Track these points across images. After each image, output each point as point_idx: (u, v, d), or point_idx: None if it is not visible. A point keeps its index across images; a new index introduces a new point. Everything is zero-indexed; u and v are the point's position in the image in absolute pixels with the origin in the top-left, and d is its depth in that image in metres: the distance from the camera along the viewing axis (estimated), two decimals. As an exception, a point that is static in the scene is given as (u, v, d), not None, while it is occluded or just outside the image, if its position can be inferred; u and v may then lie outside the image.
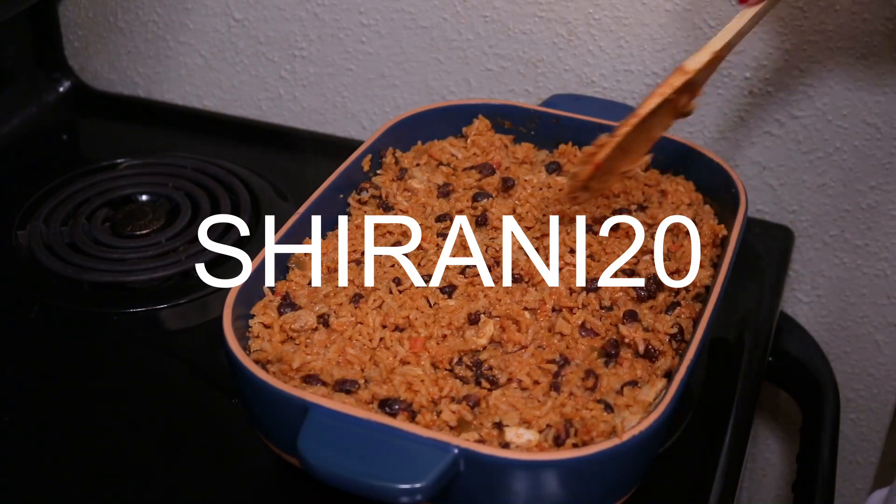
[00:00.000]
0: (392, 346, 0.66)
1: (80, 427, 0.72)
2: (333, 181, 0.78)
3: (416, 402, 0.61)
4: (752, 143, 0.94)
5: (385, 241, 0.75)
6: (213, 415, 0.73)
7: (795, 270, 0.99)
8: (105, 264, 0.85)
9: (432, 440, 0.56)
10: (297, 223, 0.74)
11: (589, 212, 0.77)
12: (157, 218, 0.91)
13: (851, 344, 1.01)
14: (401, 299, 0.69)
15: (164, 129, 1.08)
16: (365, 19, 1.00)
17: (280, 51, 1.05)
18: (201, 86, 1.10)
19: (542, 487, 0.58)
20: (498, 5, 0.95)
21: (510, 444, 0.59)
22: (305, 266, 0.73)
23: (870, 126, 0.89)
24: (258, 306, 0.69)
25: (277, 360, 0.64)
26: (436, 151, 0.84)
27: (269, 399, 0.61)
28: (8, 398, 0.74)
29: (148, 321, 0.82)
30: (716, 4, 0.88)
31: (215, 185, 0.94)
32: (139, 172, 0.97)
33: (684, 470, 0.67)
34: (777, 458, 1.09)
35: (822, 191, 0.94)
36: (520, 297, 0.70)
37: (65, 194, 0.93)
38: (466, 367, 0.65)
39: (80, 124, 1.10)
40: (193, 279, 0.84)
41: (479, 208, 0.78)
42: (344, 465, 0.56)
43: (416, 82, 1.01)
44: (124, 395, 0.74)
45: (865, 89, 0.88)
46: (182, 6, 1.06)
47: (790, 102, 0.91)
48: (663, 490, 0.66)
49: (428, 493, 0.55)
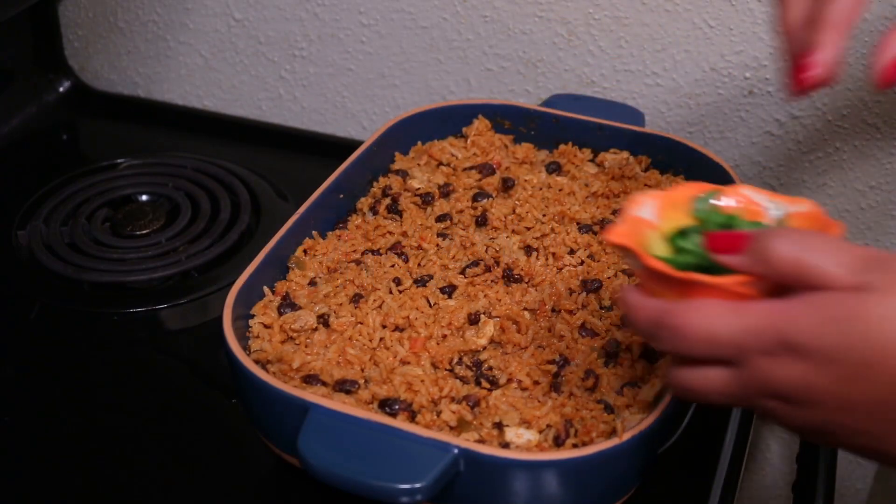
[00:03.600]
0: (392, 346, 0.66)
1: (80, 427, 0.72)
2: (333, 181, 0.78)
3: (416, 402, 0.62)
4: (752, 143, 0.94)
5: (385, 242, 0.76)
6: (213, 415, 0.73)
7: (795, 270, 0.99)
8: (105, 264, 0.85)
9: (432, 440, 0.56)
10: (297, 223, 0.74)
11: (589, 212, 0.77)
12: (157, 218, 0.91)
13: (851, 344, 1.01)
14: (401, 299, 0.69)
15: (164, 129, 1.08)
16: (365, 19, 1.00)
17: (280, 51, 1.05)
18: (201, 86, 1.10)
19: (542, 487, 0.58)
20: (498, 5, 0.95)
21: (510, 444, 0.59)
22: (305, 266, 0.73)
23: (870, 126, 0.89)
24: (258, 306, 0.69)
25: (277, 360, 0.65)
26: (436, 151, 0.84)
27: (269, 399, 0.61)
28: (8, 398, 0.74)
29: (148, 321, 0.82)
30: (716, 4, 0.88)
31: (215, 185, 0.94)
32: (139, 172, 0.97)
33: (684, 470, 0.67)
34: (777, 458, 1.09)
35: (822, 191, 0.94)
36: (520, 298, 0.70)
37: (65, 194, 0.93)
38: (466, 367, 0.65)
39: (80, 124, 1.10)
40: (193, 279, 0.84)
41: (479, 208, 0.78)
42: (344, 465, 0.56)
43: (416, 82, 1.01)
44: (124, 395, 0.74)
45: (865, 89, 0.88)
46: (182, 6, 1.06)
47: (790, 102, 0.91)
48: (663, 490, 0.66)
49: (428, 493, 0.55)
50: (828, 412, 0.48)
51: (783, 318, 0.47)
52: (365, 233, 0.77)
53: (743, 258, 0.49)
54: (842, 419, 0.47)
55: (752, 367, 0.48)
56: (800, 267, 0.47)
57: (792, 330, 0.46)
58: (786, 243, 0.48)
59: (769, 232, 0.49)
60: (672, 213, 0.56)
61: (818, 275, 0.47)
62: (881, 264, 0.46)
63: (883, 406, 0.46)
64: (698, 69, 0.92)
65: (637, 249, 0.52)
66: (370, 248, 0.75)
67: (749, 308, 0.48)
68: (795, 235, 0.48)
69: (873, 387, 0.46)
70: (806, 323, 0.46)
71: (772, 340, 0.47)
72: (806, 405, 0.48)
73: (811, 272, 0.47)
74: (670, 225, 0.55)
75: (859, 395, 0.46)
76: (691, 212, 0.56)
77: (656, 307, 0.51)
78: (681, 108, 0.94)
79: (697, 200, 0.56)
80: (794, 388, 0.47)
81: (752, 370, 0.48)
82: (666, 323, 0.50)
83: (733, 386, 0.50)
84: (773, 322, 0.47)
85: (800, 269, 0.47)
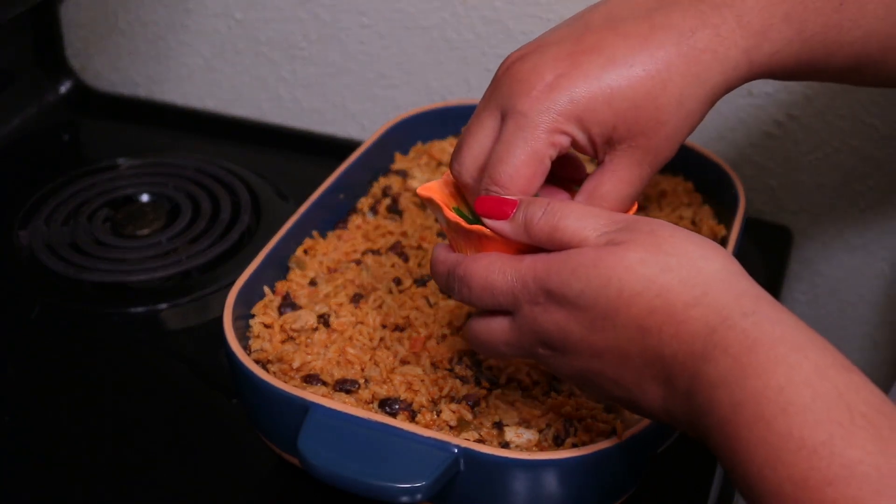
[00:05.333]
0: (392, 345, 0.66)
1: (81, 427, 0.72)
2: (333, 181, 0.78)
3: (416, 402, 0.62)
4: (752, 143, 0.94)
5: (385, 242, 0.76)
6: (213, 415, 0.73)
7: (794, 270, 0.99)
8: (106, 264, 0.85)
9: (432, 440, 0.57)
10: (297, 223, 0.74)
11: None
12: (158, 218, 0.91)
13: (851, 344, 1.01)
14: (401, 299, 0.69)
15: (165, 129, 1.08)
16: (365, 20, 1.00)
17: (280, 51, 1.05)
18: (202, 86, 1.10)
19: (541, 487, 0.58)
20: (498, 5, 0.95)
21: (510, 443, 0.60)
22: (305, 266, 0.73)
23: (869, 126, 0.89)
24: (258, 306, 0.69)
25: (277, 359, 0.65)
26: (436, 151, 0.84)
27: (269, 399, 0.61)
28: (8, 398, 0.74)
29: (148, 321, 0.82)
30: (715, 5, 0.88)
31: (216, 185, 0.95)
32: (140, 172, 0.97)
33: (684, 470, 0.67)
34: (777, 457, 1.09)
35: (821, 191, 0.94)
36: (519, 297, 0.70)
37: (66, 194, 0.94)
38: (466, 366, 0.65)
39: (81, 124, 1.10)
40: (194, 279, 0.85)
41: (479, 208, 0.78)
42: (344, 465, 0.56)
43: (416, 82, 1.01)
44: (125, 395, 0.75)
45: (865, 90, 0.88)
46: (183, 7, 1.06)
47: (790, 103, 0.91)
48: (663, 490, 0.66)
49: (428, 492, 0.55)
50: (583, 360, 0.51)
51: (545, 268, 0.51)
52: (365, 233, 0.77)
53: (507, 224, 0.53)
54: (597, 367, 0.51)
55: (523, 314, 0.52)
56: (555, 231, 0.51)
57: (551, 279, 0.50)
58: (544, 212, 0.52)
59: (532, 202, 0.53)
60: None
61: (571, 236, 0.51)
62: (627, 224, 0.51)
63: (626, 353, 0.49)
64: (698, 69, 0.91)
65: (440, 202, 0.57)
66: (370, 248, 0.75)
67: (522, 260, 0.52)
68: (554, 204, 0.52)
69: (615, 333, 0.49)
70: (560, 272, 0.50)
71: (537, 289, 0.51)
72: (567, 352, 0.51)
73: (566, 235, 0.51)
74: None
75: (604, 341, 0.49)
76: None
77: (452, 259, 0.55)
78: (680, 108, 0.94)
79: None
80: (554, 334, 0.51)
81: (522, 318, 0.52)
82: (456, 273, 0.54)
83: (513, 335, 0.53)
84: (537, 272, 0.51)
85: (555, 234, 0.51)
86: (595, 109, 0.54)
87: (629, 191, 0.57)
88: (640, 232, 0.50)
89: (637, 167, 0.56)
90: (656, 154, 0.56)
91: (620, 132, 0.55)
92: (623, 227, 0.51)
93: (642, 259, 0.49)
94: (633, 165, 0.56)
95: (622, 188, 0.56)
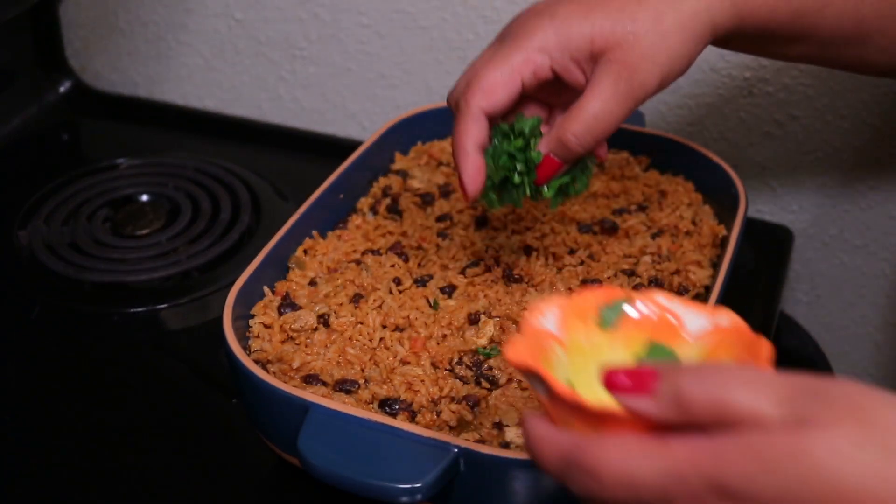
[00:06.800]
0: (392, 346, 0.66)
1: (81, 427, 0.72)
2: (333, 181, 0.78)
3: (416, 402, 0.62)
4: (752, 143, 0.94)
5: (385, 242, 0.76)
6: (213, 415, 0.73)
7: (795, 270, 0.99)
8: (106, 264, 0.85)
9: (432, 440, 0.57)
10: (297, 223, 0.74)
11: (589, 212, 0.77)
12: (158, 218, 0.91)
13: (851, 344, 1.01)
14: (401, 299, 0.69)
15: (165, 129, 1.08)
16: (365, 20, 1.00)
17: (280, 51, 1.05)
18: (202, 86, 1.10)
19: (542, 487, 0.58)
20: (498, 5, 0.95)
21: (510, 443, 0.59)
22: (305, 266, 0.73)
23: (870, 126, 0.89)
24: (258, 306, 0.69)
25: (277, 360, 0.65)
26: (436, 151, 0.84)
27: (269, 399, 0.61)
28: (8, 398, 0.74)
29: (148, 321, 0.82)
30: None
31: (215, 185, 0.95)
32: (139, 172, 0.97)
33: (684, 470, 0.67)
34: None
35: (821, 191, 0.94)
36: (520, 298, 0.70)
37: (65, 194, 0.94)
38: (466, 367, 0.65)
39: (81, 124, 1.10)
40: (193, 279, 0.85)
41: (479, 208, 0.78)
42: (344, 465, 0.56)
43: (416, 82, 1.01)
44: (124, 395, 0.75)
45: (865, 90, 0.88)
46: (183, 7, 1.06)
47: (790, 102, 0.91)
48: (663, 490, 0.66)
49: (428, 493, 0.55)
50: None
51: (714, 462, 0.40)
52: (365, 233, 0.77)
53: (652, 403, 0.42)
54: None
55: None
56: (722, 408, 0.40)
57: (725, 475, 0.39)
58: (701, 383, 0.41)
59: (679, 370, 0.42)
60: (577, 323, 0.49)
61: (746, 413, 0.40)
62: (816, 394, 0.40)
63: None
64: (698, 69, 0.92)
65: (544, 373, 0.44)
66: (370, 248, 0.75)
67: (674, 448, 0.41)
68: (710, 371, 0.41)
69: None
70: (741, 467, 0.39)
71: (702, 485, 0.40)
72: None
73: (736, 412, 0.40)
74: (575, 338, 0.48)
75: None
76: (599, 322, 0.49)
77: (567, 442, 0.43)
78: (681, 108, 0.94)
79: (606, 309, 0.49)
80: None
81: None
82: (578, 462, 0.42)
83: None
84: (701, 465, 0.40)
85: (722, 411, 0.40)
86: (573, 22, 0.60)
87: (612, 107, 0.60)
88: (834, 401, 0.39)
89: (617, 82, 0.60)
90: (635, 70, 0.60)
91: (598, 44, 0.60)
92: (809, 398, 0.40)
93: (856, 442, 0.38)
94: (613, 82, 0.60)
95: (605, 105, 0.60)
